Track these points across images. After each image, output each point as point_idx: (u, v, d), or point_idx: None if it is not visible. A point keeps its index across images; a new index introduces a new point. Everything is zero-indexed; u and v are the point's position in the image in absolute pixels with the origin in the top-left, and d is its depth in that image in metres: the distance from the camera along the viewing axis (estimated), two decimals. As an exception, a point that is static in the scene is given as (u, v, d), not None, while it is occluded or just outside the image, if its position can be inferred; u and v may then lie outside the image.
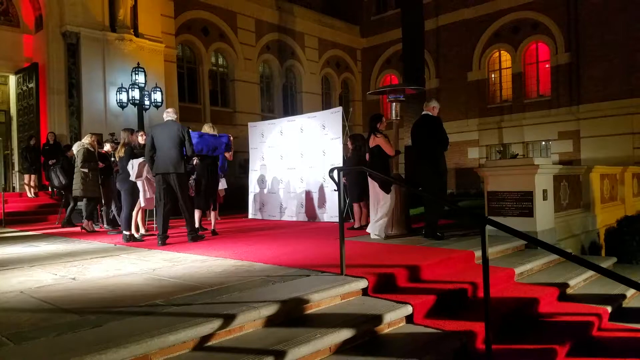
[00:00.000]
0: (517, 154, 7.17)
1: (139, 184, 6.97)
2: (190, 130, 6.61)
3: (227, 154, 7.93)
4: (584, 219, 7.78)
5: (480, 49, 19.79)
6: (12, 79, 13.63)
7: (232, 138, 8.19)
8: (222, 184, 10.85)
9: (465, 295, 4.00)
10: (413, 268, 4.22)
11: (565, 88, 17.81)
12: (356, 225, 7.59)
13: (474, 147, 19.63)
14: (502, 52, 19.57)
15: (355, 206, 7.70)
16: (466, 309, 3.74)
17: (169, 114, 6.52)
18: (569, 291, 4.71)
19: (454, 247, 5.30)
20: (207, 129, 7.66)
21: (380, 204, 6.30)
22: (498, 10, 19.11)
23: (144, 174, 6.91)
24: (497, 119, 19.43)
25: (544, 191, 6.25)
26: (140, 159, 6.89)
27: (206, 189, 7.40)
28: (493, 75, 19.99)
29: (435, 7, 20.58)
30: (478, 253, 4.89)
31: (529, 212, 6.11)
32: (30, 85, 12.98)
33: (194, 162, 7.38)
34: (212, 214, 7.70)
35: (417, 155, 6.22)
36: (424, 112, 6.28)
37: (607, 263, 5.98)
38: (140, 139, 7.45)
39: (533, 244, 3.18)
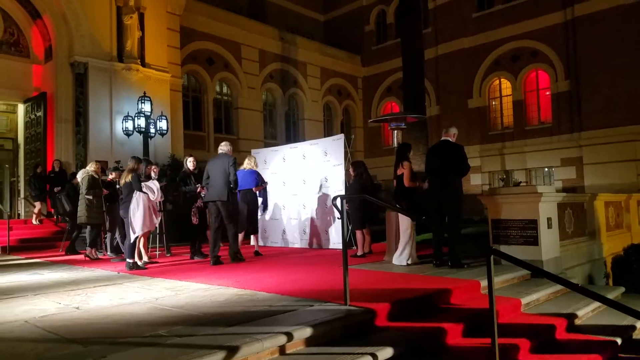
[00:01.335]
0: (520, 182, 7.20)
1: (145, 207, 7.00)
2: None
3: (254, 188, 8.30)
4: (590, 247, 7.73)
5: (480, 76, 20.07)
6: (21, 108, 13.87)
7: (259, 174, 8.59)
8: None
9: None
10: (416, 299, 4.19)
11: (566, 115, 17.96)
12: (359, 253, 7.55)
13: (477, 174, 19.67)
14: (502, 79, 19.83)
15: (358, 233, 7.68)
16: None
17: (222, 148, 7.35)
18: (577, 322, 4.64)
19: (459, 276, 5.27)
20: (246, 163, 8.33)
21: (402, 229, 6.33)
22: (497, 39, 19.47)
23: (158, 196, 7.18)
24: (499, 145, 19.54)
25: (549, 219, 6.24)
26: (156, 181, 7.24)
27: (249, 215, 8.19)
28: (494, 103, 20.21)
29: (434, 37, 20.99)
30: (484, 282, 4.85)
31: (533, 241, 6.08)
32: (38, 114, 13.20)
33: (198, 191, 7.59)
34: (253, 237, 8.54)
35: (436, 181, 6.22)
36: (443, 138, 6.35)
37: (614, 293, 5.91)
38: (153, 173, 7.76)
39: (538, 274, 3.16)
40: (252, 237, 8.63)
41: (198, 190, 7.65)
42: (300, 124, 21.56)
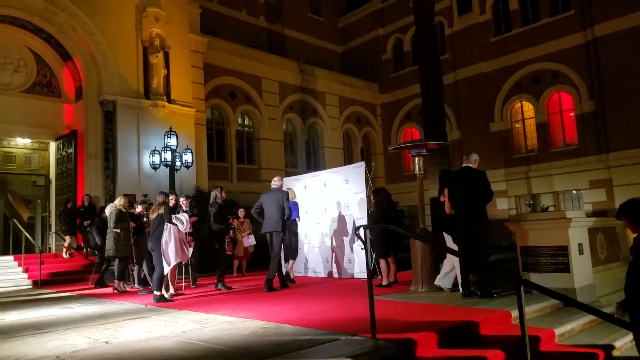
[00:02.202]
0: (548, 207, 7.05)
1: (175, 239, 7.12)
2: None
3: None
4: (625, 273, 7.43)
5: (501, 100, 19.98)
6: (53, 145, 14.42)
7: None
8: (252, 240, 11.01)
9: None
10: (446, 331, 4.10)
11: (592, 136, 17.63)
12: (384, 283, 7.44)
13: (503, 198, 19.34)
14: (523, 102, 19.68)
15: (382, 262, 7.59)
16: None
17: (275, 183, 7.99)
18: (616, 353, 4.44)
19: (489, 306, 5.14)
20: (291, 195, 8.66)
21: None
22: (517, 62, 19.43)
23: (187, 227, 7.33)
24: (524, 169, 19.23)
25: (580, 245, 6.06)
26: (185, 213, 7.39)
27: (290, 242, 8.59)
28: (516, 125, 20.01)
29: (452, 62, 21.10)
30: (515, 313, 4.72)
31: (565, 268, 5.91)
32: (69, 151, 13.69)
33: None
34: (291, 263, 8.80)
35: (460, 209, 6.15)
36: (465, 165, 6.29)
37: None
38: (184, 206, 8.00)
39: (571, 305, 3.07)
40: (289, 262, 8.87)
41: (230, 221, 7.88)
42: (320, 152, 21.76)
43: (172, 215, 7.27)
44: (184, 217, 7.36)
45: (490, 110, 20.21)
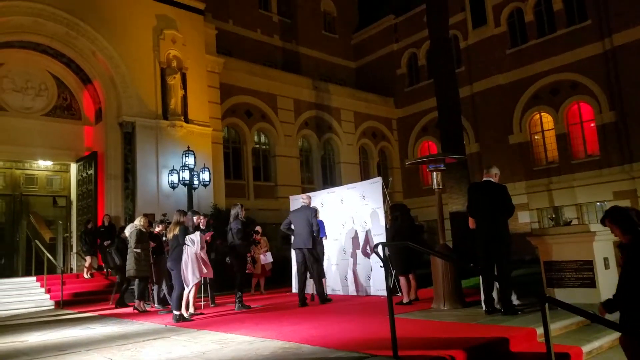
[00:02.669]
0: (571, 221, 6.88)
1: (192, 259, 7.12)
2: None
3: None
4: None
5: (520, 111, 19.75)
6: (73, 167, 14.71)
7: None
8: (269, 258, 10.99)
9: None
10: (471, 350, 3.99)
11: (614, 146, 17.27)
12: (405, 300, 7.31)
13: (524, 211, 18.99)
14: (542, 113, 19.42)
15: (402, 279, 7.46)
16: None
17: (303, 201, 8.34)
18: (648, 371, 4.27)
19: (513, 323, 5.00)
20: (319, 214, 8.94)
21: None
22: (534, 74, 19.25)
23: (201, 247, 7.25)
24: (545, 181, 18.90)
25: (605, 259, 5.88)
26: (198, 233, 7.31)
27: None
28: (536, 137, 19.73)
29: (468, 75, 21.01)
30: (540, 330, 4.56)
31: (590, 283, 5.73)
32: (89, 172, 13.94)
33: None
34: (324, 280, 8.81)
35: (482, 224, 6.05)
36: (485, 179, 6.20)
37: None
38: (201, 225, 7.94)
39: (597, 322, 2.96)
40: (322, 281, 8.86)
41: (255, 237, 7.90)
42: (336, 167, 21.75)
43: (186, 237, 7.27)
44: (195, 237, 7.31)
45: (508, 122, 19.99)
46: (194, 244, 7.24)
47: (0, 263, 13.68)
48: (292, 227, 8.37)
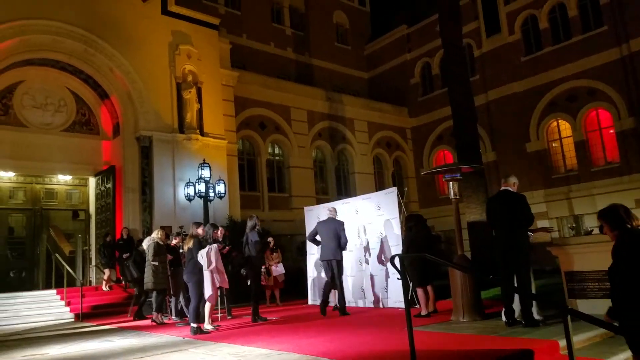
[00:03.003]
0: (592, 230, 6.73)
1: (207, 274, 7.14)
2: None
3: None
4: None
5: (536, 119, 19.53)
6: (92, 181, 14.95)
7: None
8: (281, 269, 10.97)
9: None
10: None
11: (635, 153, 16.92)
12: (423, 313, 7.20)
13: (543, 220, 18.65)
14: (560, 121, 19.17)
15: (420, 291, 7.36)
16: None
17: (330, 213, 8.46)
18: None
19: (535, 336, 4.89)
20: None
21: None
22: (550, 81, 19.05)
23: (213, 262, 7.14)
24: (565, 189, 18.58)
25: (629, 268, 5.73)
26: (205, 249, 7.19)
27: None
28: (554, 145, 19.46)
29: (483, 84, 20.89)
30: (562, 342, 4.46)
31: (614, 293, 5.57)
32: (107, 186, 14.15)
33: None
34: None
35: (500, 234, 5.96)
36: (503, 188, 6.13)
37: None
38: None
39: (621, 335, 2.88)
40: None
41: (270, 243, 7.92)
42: (350, 177, 21.71)
43: (199, 252, 7.25)
44: (205, 252, 7.17)
45: (525, 130, 19.77)
46: (203, 259, 7.18)
47: (21, 276, 13.91)
48: (318, 238, 8.41)
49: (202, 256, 7.19)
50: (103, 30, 13.63)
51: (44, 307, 10.97)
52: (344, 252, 8.88)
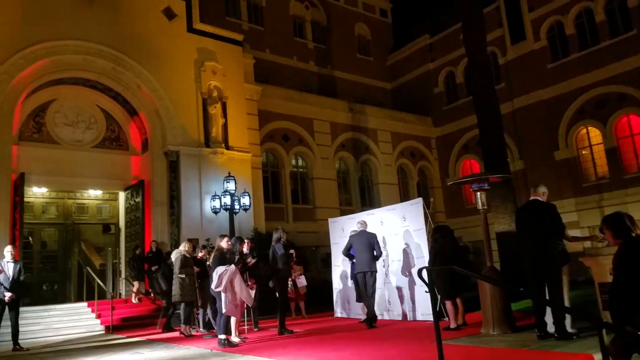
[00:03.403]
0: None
1: (221, 292, 7.10)
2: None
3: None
4: None
5: (565, 126, 19.09)
6: (122, 195, 15.32)
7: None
8: (303, 281, 10.95)
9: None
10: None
11: (670, 159, 16.35)
12: (452, 326, 7.05)
13: (575, 230, 18.11)
14: (589, 128, 18.69)
15: (448, 303, 7.22)
16: None
17: (361, 225, 8.53)
18: None
19: (569, 349, 4.74)
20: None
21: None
22: (578, 87, 18.63)
23: (223, 284, 6.99)
24: (596, 197, 18.04)
25: (668, 279, 5.50)
26: (223, 268, 7.09)
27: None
28: (583, 152, 18.97)
29: (509, 91, 20.59)
30: (597, 356, 4.28)
31: (652, 305, 5.35)
32: (137, 200, 14.47)
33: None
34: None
35: (530, 245, 5.82)
36: (532, 198, 6.02)
37: None
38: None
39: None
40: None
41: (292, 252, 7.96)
42: (374, 188, 21.59)
43: (216, 269, 7.12)
44: (220, 271, 7.05)
45: (553, 138, 19.33)
46: (215, 275, 7.04)
47: (53, 289, 14.29)
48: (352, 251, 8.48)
49: (216, 273, 7.09)
50: (131, 49, 14.05)
51: (76, 319, 11.21)
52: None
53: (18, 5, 12.46)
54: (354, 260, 8.74)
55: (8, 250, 8.34)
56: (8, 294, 7.89)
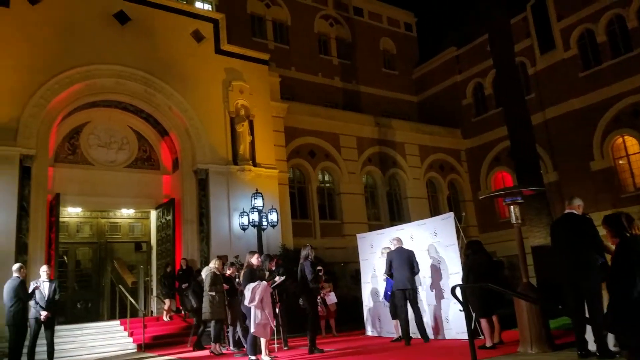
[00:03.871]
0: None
1: (252, 309, 7.06)
2: None
3: None
4: None
5: (600, 136, 18.48)
6: (153, 214, 15.59)
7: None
8: (333, 298, 10.80)
9: None
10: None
11: None
12: (488, 344, 6.80)
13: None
14: (625, 137, 18.03)
15: (484, 321, 6.98)
16: None
17: (398, 242, 8.56)
18: None
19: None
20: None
21: None
22: (612, 96, 18.04)
23: (257, 298, 6.96)
24: (635, 209, 17.19)
25: None
26: (255, 284, 7.08)
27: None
28: (620, 162, 18.28)
29: (539, 102, 20.13)
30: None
31: None
32: (168, 218, 14.70)
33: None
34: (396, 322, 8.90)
35: (568, 260, 5.59)
36: (567, 211, 5.83)
37: None
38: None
39: None
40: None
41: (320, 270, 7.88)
42: (403, 202, 21.31)
43: (248, 285, 7.09)
44: (250, 287, 7.05)
45: (588, 148, 18.72)
46: (248, 291, 7.02)
47: (87, 307, 14.55)
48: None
49: (249, 289, 7.07)
50: (162, 72, 14.43)
51: (109, 337, 11.35)
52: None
53: (52, 32, 12.96)
54: (388, 277, 8.60)
55: (44, 270, 8.54)
56: (44, 313, 8.05)
